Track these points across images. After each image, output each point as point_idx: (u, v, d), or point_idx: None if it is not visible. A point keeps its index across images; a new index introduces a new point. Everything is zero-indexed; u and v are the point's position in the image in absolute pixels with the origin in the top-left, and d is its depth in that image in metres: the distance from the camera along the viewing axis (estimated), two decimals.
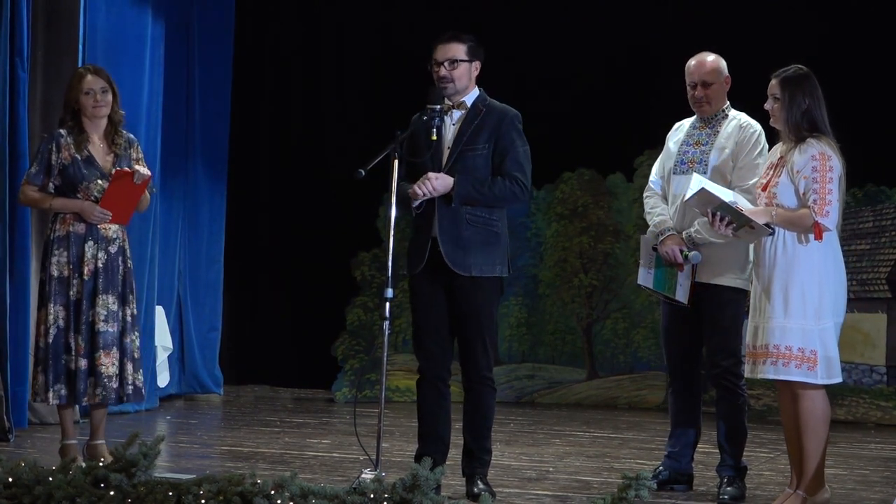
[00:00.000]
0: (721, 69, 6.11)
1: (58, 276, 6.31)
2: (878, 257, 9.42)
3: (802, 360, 5.40)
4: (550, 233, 10.42)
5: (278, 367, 10.87)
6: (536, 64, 10.47)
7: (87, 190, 6.31)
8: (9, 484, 5.08)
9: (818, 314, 5.42)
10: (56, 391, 6.29)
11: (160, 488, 4.93)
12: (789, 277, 5.42)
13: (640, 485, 4.83)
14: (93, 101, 6.33)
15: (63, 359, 6.30)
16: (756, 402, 9.58)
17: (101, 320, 6.31)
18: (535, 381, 10.37)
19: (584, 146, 10.19)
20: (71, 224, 6.33)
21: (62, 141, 6.32)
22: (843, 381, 5.73)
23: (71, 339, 6.30)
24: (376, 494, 4.85)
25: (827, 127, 5.47)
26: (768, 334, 5.44)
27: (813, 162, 5.38)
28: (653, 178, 6.29)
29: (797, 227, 5.42)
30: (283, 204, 10.95)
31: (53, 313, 6.30)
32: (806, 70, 5.55)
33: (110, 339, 6.32)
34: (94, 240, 6.34)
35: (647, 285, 6.20)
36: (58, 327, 6.30)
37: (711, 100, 6.08)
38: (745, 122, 6.07)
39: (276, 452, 7.14)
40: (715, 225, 5.52)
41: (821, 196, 5.35)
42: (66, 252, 6.32)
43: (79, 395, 6.30)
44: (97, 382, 6.30)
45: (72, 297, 6.31)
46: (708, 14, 9.76)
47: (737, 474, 6.04)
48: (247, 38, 10.72)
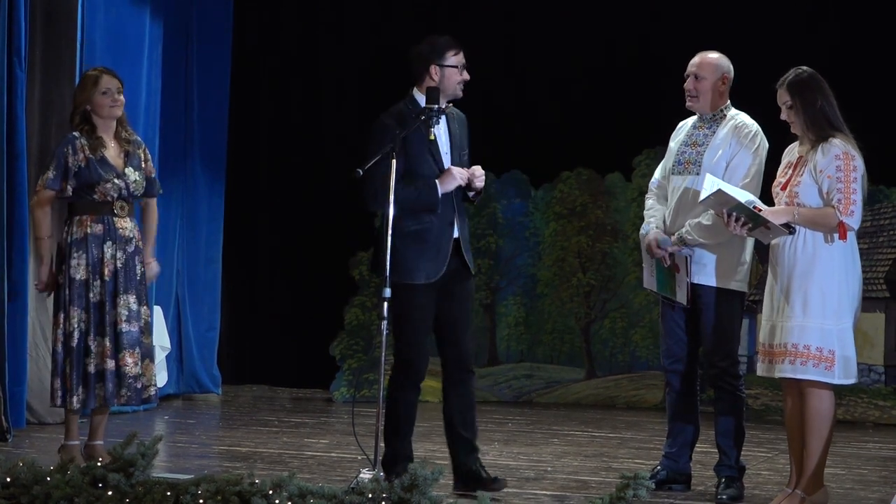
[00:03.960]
0: (718, 66, 6.09)
1: (78, 280, 6.28)
2: (875, 257, 9.43)
3: (820, 360, 5.41)
4: (549, 232, 10.43)
5: (277, 366, 10.87)
6: (536, 63, 10.48)
7: (103, 190, 6.30)
8: (7, 484, 5.08)
9: (837, 314, 5.43)
10: (80, 396, 6.26)
11: (158, 488, 4.93)
12: (809, 277, 5.42)
13: (638, 484, 4.83)
14: (110, 101, 6.35)
15: (84, 362, 6.27)
16: (754, 402, 9.58)
17: (123, 321, 6.29)
18: (533, 381, 10.36)
19: (583, 146, 10.19)
20: (88, 226, 6.31)
21: (77, 143, 6.32)
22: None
23: (91, 342, 6.27)
24: (374, 494, 4.85)
25: (841, 121, 5.48)
26: (787, 333, 5.44)
27: (836, 161, 5.40)
28: (654, 177, 6.31)
29: (821, 227, 5.43)
30: (281, 203, 10.95)
31: (77, 317, 6.27)
32: (808, 70, 5.56)
33: (134, 339, 6.30)
34: (112, 240, 6.32)
35: (652, 288, 6.23)
36: (80, 331, 6.27)
37: (700, 94, 6.06)
38: (742, 122, 6.06)
39: (274, 452, 7.13)
40: (730, 225, 5.52)
41: (845, 195, 5.37)
42: (85, 255, 6.29)
43: (109, 397, 6.25)
44: (121, 383, 6.27)
45: (92, 300, 6.27)
46: (708, 14, 9.77)
47: (735, 474, 6.04)
48: (245, 38, 10.71)
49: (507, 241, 10.46)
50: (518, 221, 10.46)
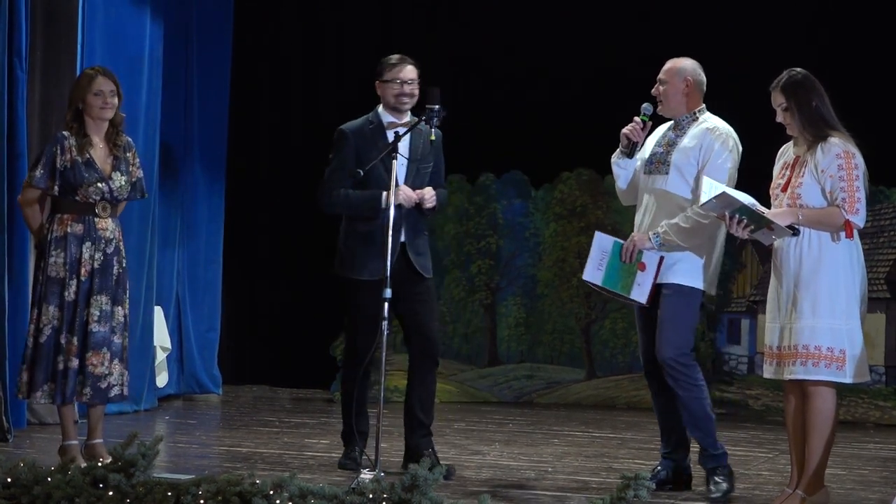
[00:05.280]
0: (678, 70, 6.11)
1: (55, 278, 6.31)
2: (876, 257, 9.43)
3: (831, 360, 5.41)
4: (549, 233, 10.43)
5: (277, 367, 10.87)
6: (536, 64, 10.47)
7: (85, 193, 6.31)
8: (7, 484, 5.08)
9: (846, 313, 5.43)
10: (44, 391, 6.30)
11: (159, 488, 4.93)
12: (816, 277, 5.42)
13: (638, 485, 4.83)
14: (101, 103, 6.35)
15: (53, 359, 6.30)
16: (754, 402, 9.59)
17: (94, 320, 6.32)
18: (533, 381, 10.37)
19: (583, 146, 10.18)
20: (69, 224, 6.32)
21: (66, 143, 6.32)
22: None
23: (63, 339, 6.30)
24: (375, 495, 4.85)
25: (836, 120, 5.49)
26: (797, 335, 5.43)
27: (838, 160, 5.40)
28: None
29: (826, 226, 5.43)
30: (281, 204, 10.95)
31: (49, 314, 6.30)
32: (801, 71, 5.56)
33: (101, 339, 6.32)
34: (91, 240, 6.34)
35: (595, 282, 6.16)
36: (52, 328, 6.30)
37: (664, 97, 6.12)
38: (713, 125, 6.05)
39: (274, 452, 7.13)
40: (732, 227, 5.52)
41: (849, 194, 5.38)
42: (63, 253, 6.31)
43: (67, 393, 6.30)
44: (85, 382, 6.30)
45: (67, 298, 6.30)
46: (709, 15, 9.77)
47: (718, 463, 5.99)
48: (245, 38, 10.71)
49: (507, 241, 10.46)
50: (518, 222, 10.47)
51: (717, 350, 9.91)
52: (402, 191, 6.32)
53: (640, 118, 6.13)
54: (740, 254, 9.93)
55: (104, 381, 6.34)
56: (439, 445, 6.69)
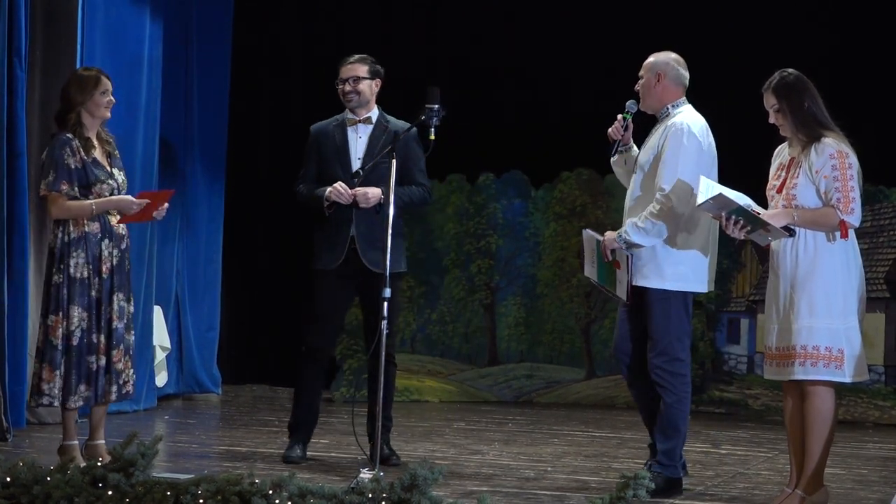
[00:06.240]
0: (651, 65, 6.13)
1: (78, 278, 6.29)
2: (876, 257, 9.43)
3: (830, 360, 5.41)
4: (549, 232, 10.43)
5: (277, 366, 10.86)
6: (536, 64, 10.47)
7: (99, 191, 6.32)
8: (7, 484, 5.08)
9: (843, 313, 5.43)
10: (80, 394, 6.28)
11: (158, 488, 4.93)
12: (812, 278, 5.42)
13: (638, 484, 4.83)
14: (107, 102, 6.40)
15: (87, 360, 6.29)
16: (754, 402, 9.59)
17: (116, 318, 6.35)
18: (533, 381, 10.37)
19: (583, 146, 10.17)
20: (85, 224, 6.32)
21: (73, 145, 6.32)
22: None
23: (94, 338, 6.29)
24: (374, 494, 4.85)
25: (829, 120, 5.49)
26: (795, 335, 5.43)
27: (832, 161, 5.41)
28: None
29: (822, 227, 5.43)
30: (281, 204, 10.93)
31: (77, 315, 6.27)
32: (793, 72, 5.57)
33: (120, 336, 6.36)
34: (109, 238, 6.35)
35: (593, 277, 6.25)
36: (82, 329, 6.28)
37: (642, 93, 6.15)
38: (674, 120, 6.01)
39: (274, 452, 7.13)
40: (729, 228, 5.52)
41: (843, 194, 5.38)
42: (84, 253, 6.30)
43: (99, 393, 6.30)
44: (111, 381, 6.32)
45: (93, 297, 6.32)
46: (708, 15, 9.77)
47: (659, 469, 5.91)
48: (245, 38, 10.70)
49: (507, 241, 10.46)
50: (518, 221, 10.47)
51: (716, 350, 9.91)
52: (335, 187, 6.59)
53: (622, 116, 6.16)
54: (740, 253, 9.93)
55: (122, 376, 6.37)
56: (435, 445, 6.69)
